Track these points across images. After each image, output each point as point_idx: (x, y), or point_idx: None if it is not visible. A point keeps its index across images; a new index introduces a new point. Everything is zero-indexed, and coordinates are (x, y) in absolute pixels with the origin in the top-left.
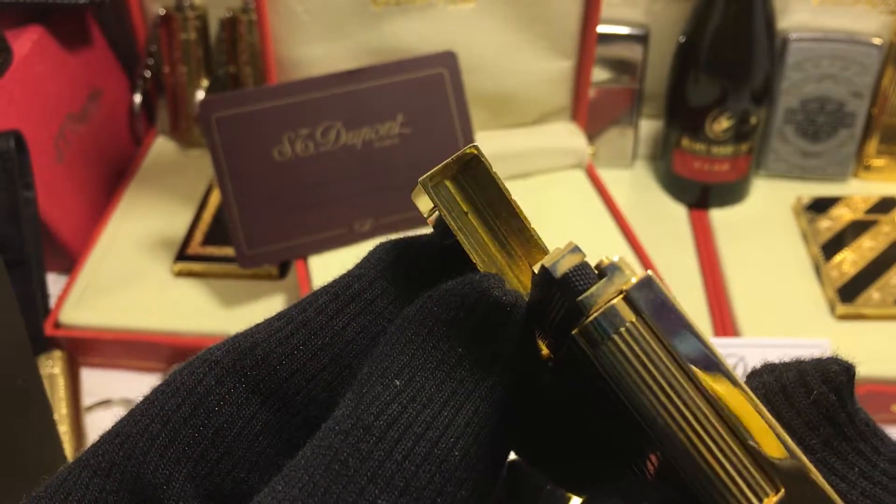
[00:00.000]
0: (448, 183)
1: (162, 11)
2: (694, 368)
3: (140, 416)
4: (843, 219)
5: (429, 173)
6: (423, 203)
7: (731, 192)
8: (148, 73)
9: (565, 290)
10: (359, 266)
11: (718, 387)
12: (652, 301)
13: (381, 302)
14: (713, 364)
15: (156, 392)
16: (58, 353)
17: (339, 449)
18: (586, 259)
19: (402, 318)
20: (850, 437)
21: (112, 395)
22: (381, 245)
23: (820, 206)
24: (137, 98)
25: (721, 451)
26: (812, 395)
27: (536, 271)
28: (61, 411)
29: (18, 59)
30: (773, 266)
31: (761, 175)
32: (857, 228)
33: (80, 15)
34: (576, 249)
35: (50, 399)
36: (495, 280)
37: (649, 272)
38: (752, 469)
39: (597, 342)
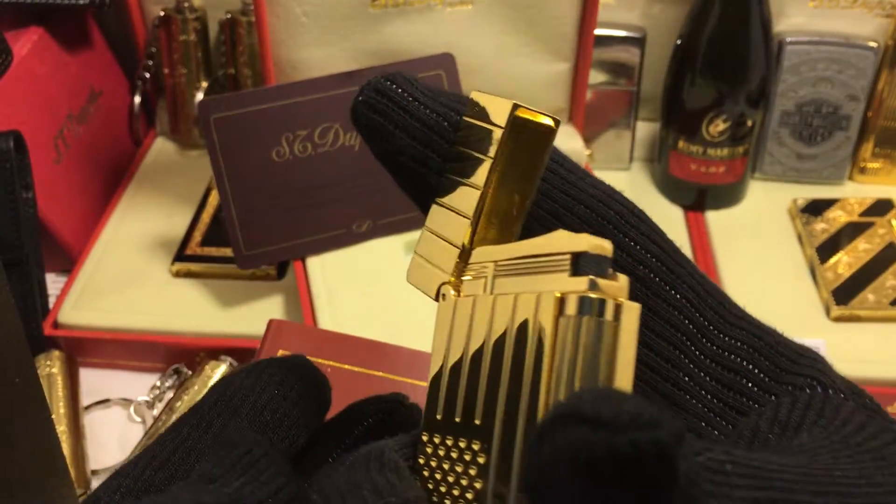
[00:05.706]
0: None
1: (161, 13)
2: None
3: None
4: (838, 221)
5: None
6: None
7: (727, 195)
8: (147, 75)
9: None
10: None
11: None
12: None
13: None
14: None
15: None
16: (56, 353)
17: None
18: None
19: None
20: None
21: (111, 394)
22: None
23: (815, 209)
24: (137, 99)
25: None
26: None
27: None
28: (59, 411)
29: (18, 59)
30: (769, 268)
31: (757, 177)
32: (852, 231)
33: (81, 16)
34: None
35: (48, 399)
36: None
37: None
38: None
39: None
